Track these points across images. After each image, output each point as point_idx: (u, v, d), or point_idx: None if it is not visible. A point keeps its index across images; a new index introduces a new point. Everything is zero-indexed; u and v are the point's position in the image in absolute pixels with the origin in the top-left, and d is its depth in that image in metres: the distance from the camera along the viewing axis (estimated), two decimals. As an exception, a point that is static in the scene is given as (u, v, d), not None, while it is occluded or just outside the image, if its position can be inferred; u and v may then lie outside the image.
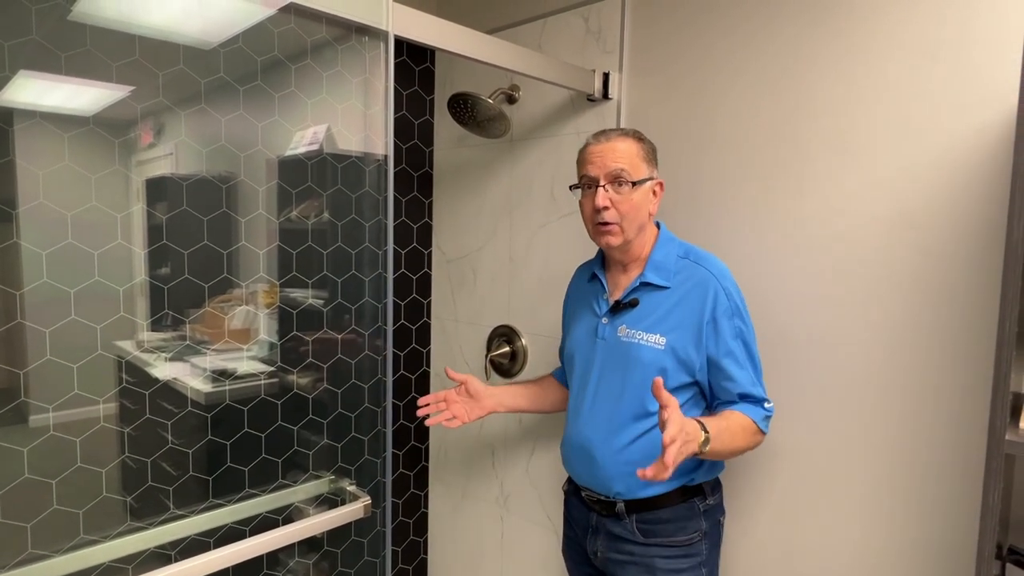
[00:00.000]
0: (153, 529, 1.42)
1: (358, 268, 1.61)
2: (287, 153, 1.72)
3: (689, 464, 1.29)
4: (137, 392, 1.53)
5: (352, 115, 1.57)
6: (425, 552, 2.41)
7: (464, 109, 1.79)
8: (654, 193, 1.31)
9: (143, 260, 1.50)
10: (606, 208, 1.25)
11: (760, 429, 1.24)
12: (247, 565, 1.34)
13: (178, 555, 1.40)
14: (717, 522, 1.34)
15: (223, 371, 1.71)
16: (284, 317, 1.79)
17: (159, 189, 1.56)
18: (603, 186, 1.25)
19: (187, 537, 1.45)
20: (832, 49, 1.35)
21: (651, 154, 1.31)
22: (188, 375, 1.68)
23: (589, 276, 1.42)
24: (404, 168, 2.19)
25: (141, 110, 1.42)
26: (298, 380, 1.75)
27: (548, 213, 1.89)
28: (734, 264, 1.32)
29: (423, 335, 2.30)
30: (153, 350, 1.63)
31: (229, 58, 1.44)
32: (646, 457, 1.26)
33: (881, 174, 1.30)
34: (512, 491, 2.07)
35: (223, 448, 1.55)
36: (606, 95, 1.70)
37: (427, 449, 2.36)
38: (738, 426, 1.21)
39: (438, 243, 2.27)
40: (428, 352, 2.32)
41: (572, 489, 1.45)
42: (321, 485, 1.67)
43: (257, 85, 1.49)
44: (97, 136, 1.37)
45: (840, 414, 1.37)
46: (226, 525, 1.51)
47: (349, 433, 1.64)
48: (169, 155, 1.54)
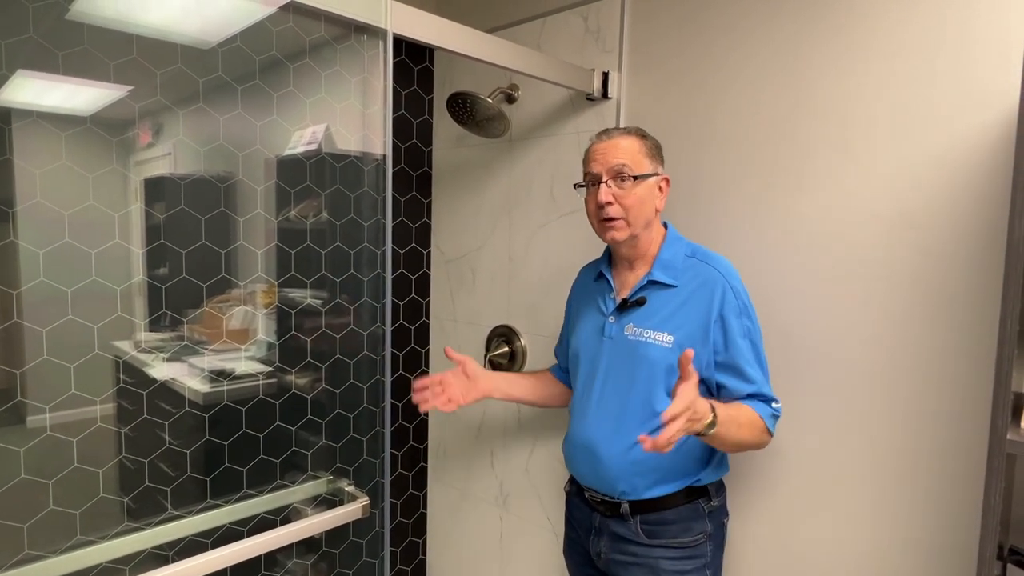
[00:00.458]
0: (150, 529, 1.42)
1: (357, 268, 1.60)
2: (286, 153, 1.72)
3: (694, 464, 1.29)
4: (135, 392, 1.53)
5: (351, 114, 1.56)
6: (424, 553, 2.41)
7: (463, 108, 1.79)
8: (660, 189, 1.31)
9: (141, 260, 1.50)
10: (609, 203, 1.25)
11: (767, 428, 1.23)
12: (245, 566, 1.34)
13: (176, 556, 1.39)
14: (721, 524, 1.33)
15: (221, 371, 1.70)
16: (282, 317, 1.79)
17: (157, 188, 1.55)
18: (606, 182, 1.26)
19: (185, 537, 1.45)
20: (832, 47, 1.35)
21: (655, 150, 1.31)
22: (186, 375, 1.68)
23: (596, 275, 1.41)
24: (403, 168, 2.19)
25: (139, 109, 1.42)
26: (296, 380, 1.74)
27: (547, 213, 1.88)
28: (734, 262, 1.31)
29: (422, 335, 2.30)
30: (151, 350, 1.63)
31: (227, 57, 1.44)
32: (651, 457, 1.25)
33: (881, 172, 1.29)
34: (511, 491, 2.06)
35: (221, 448, 1.55)
36: (605, 94, 1.69)
37: (426, 449, 2.36)
38: (746, 419, 1.21)
39: (437, 243, 2.27)
40: (427, 352, 2.32)
41: (575, 489, 1.44)
42: (319, 485, 1.67)
43: (256, 84, 1.49)
44: (95, 135, 1.37)
45: (840, 414, 1.37)
46: (224, 525, 1.50)
47: (348, 433, 1.63)
48: (167, 155, 1.54)
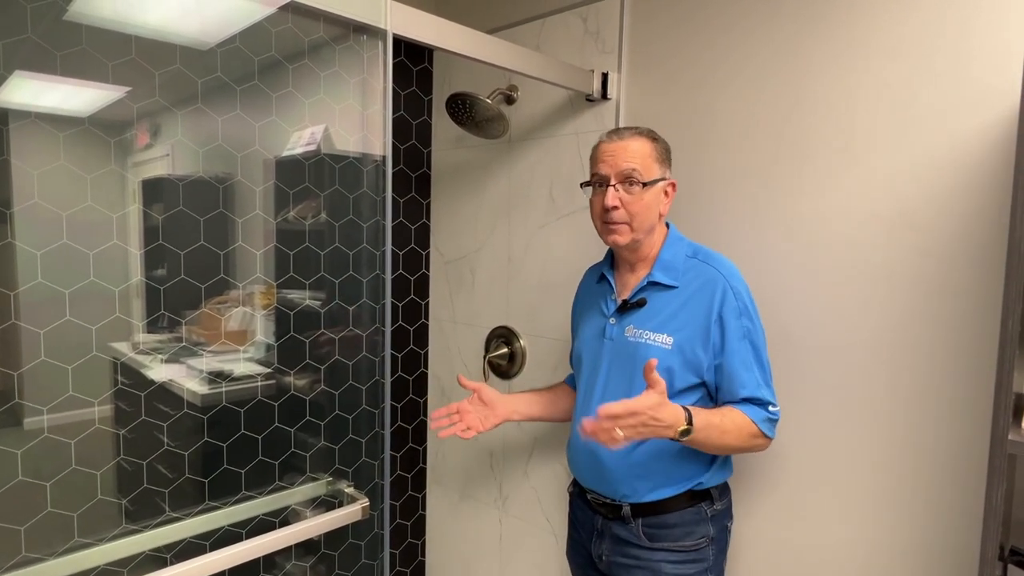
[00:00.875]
0: (148, 532, 1.41)
1: (356, 269, 1.60)
2: (284, 153, 1.72)
3: (696, 467, 1.28)
4: (133, 394, 1.52)
5: (350, 115, 1.56)
6: (423, 554, 2.40)
7: (462, 109, 1.79)
8: (666, 193, 1.29)
9: (139, 261, 1.49)
10: (615, 208, 1.24)
11: (761, 432, 1.22)
12: (244, 568, 1.33)
13: (174, 558, 1.38)
14: (724, 527, 1.32)
15: (219, 373, 1.70)
16: (281, 318, 1.78)
17: (155, 189, 1.55)
18: (614, 185, 1.25)
19: (183, 540, 1.44)
20: (832, 47, 1.35)
21: (664, 154, 1.30)
22: (184, 377, 1.67)
23: (598, 277, 1.41)
24: (402, 169, 2.19)
25: (137, 110, 1.41)
26: (295, 382, 1.74)
27: (547, 214, 1.88)
28: (734, 262, 1.31)
29: (421, 336, 2.29)
30: (149, 351, 1.62)
31: (226, 58, 1.43)
32: (653, 459, 1.25)
33: (882, 173, 1.29)
34: (511, 493, 2.06)
35: (219, 450, 1.54)
36: (605, 95, 1.69)
37: (425, 451, 2.35)
38: (732, 423, 1.19)
39: (436, 244, 2.26)
40: (426, 353, 2.31)
41: (578, 491, 1.43)
42: (318, 487, 1.66)
43: (254, 85, 1.49)
44: (93, 136, 1.36)
45: (841, 415, 1.37)
46: (222, 528, 1.49)
47: (347, 435, 1.63)
48: (166, 156, 1.53)
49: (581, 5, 1.76)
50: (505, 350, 2.00)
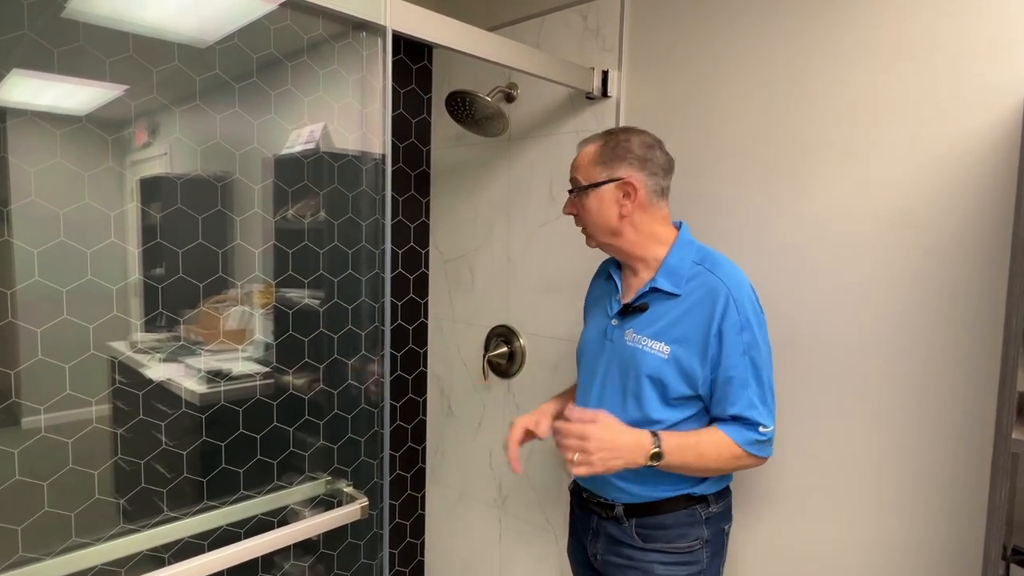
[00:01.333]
0: (146, 531, 1.41)
1: (355, 268, 1.60)
2: (283, 152, 1.71)
3: (691, 478, 1.26)
4: (131, 393, 1.52)
5: (349, 113, 1.56)
6: (422, 554, 2.40)
7: (462, 107, 1.78)
8: (626, 195, 1.23)
9: (137, 259, 1.49)
10: (573, 215, 1.31)
11: (746, 453, 1.18)
12: (242, 568, 1.33)
13: (172, 558, 1.38)
14: (720, 530, 1.30)
15: (218, 372, 1.69)
16: (280, 317, 1.78)
17: (153, 187, 1.54)
18: (569, 191, 1.31)
19: (181, 539, 1.44)
20: (833, 45, 1.34)
21: (611, 154, 1.24)
22: (182, 376, 1.67)
23: (606, 275, 1.40)
24: (401, 167, 2.18)
25: (135, 108, 1.41)
26: (294, 381, 1.73)
27: (547, 212, 1.87)
28: (736, 263, 1.30)
29: (420, 335, 2.29)
30: (147, 350, 1.62)
31: (225, 56, 1.43)
32: None
33: (883, 171, 1.29)
34: (510, 492, 2.05)
35: (218, 449, 1.54)
36: (605, 93, 1.69)
37: (424, 450, 2.35)
38: (711, 445, 1.17)
39: (435, 243, 2.26)
40: (425, 352, 2.31)
41: (576, 490, 1.43)
42: (317, 487, 1.66)
43: (253, 83, 1.48)
44: (90, 133, 1.36)
45: (843, 415, 1.36)
46: (221, 527, 1.49)
47: (345, 434, 1.63)
48: (164, 154, 1.53)
49: (581, 2, 1.75)
50: (505, 349, 2.00)
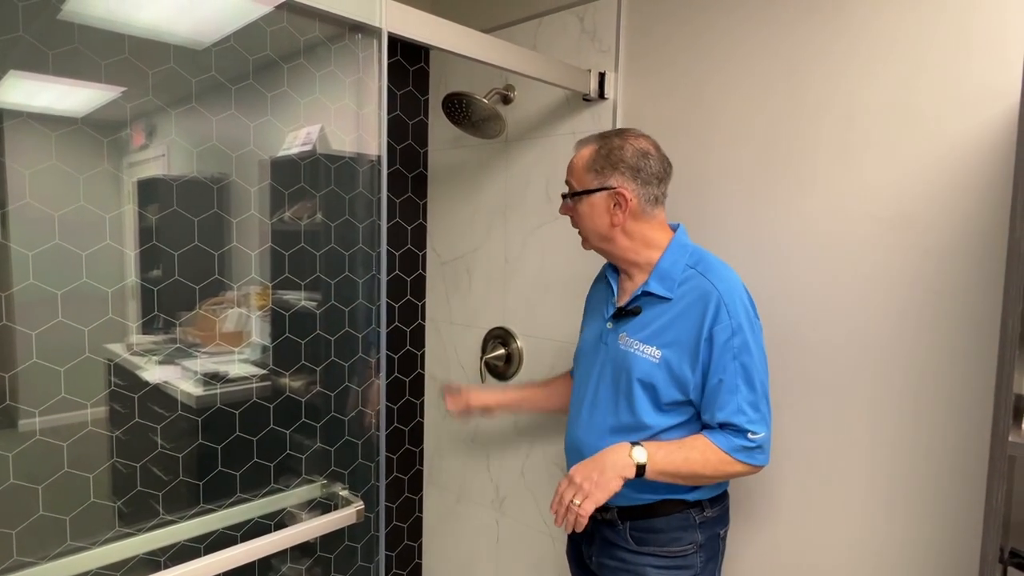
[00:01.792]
0: (142, 535, 1.40)
1: (351, 270, 1.59)
2: (280, 153, 1.71)
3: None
4: (126, 395, 1.51)
5: (345, 115, 1.55)
6: (420, 557, 2.39)
7: (459, 109, 1.78)
8: (617, 204, 1.22)
9: (133, 261, 1.48)
10: (569, 217, 1.31)
11: (736, 460, 1.17)
12: (239, 571, 1.32)
13: (168, 562, 1.38)
14: (716, 535, 1.30)
15: (215, 374, 1.69)
16: (276, 319, 1.77)
17: (149, 189, 1.54)
18: (563, 195, 1.31)
19: (177, 543, 1.43)
20: (831, 44, 1.34)
21: (603, 162, 1.23)
22: (179, 378, 1.66)
23: (605, 279, 1.39)
24: (398, 169, 2.18)
25: (131, 110, 1.40)
26: (291, 383, 1.73)
27: (544, 214, 1.87)
28: (732, 263, 1.29)
29: (418, 337, 2.28)
30: (143, 353, 1.61)
31: (221, 57, 1.42)
32: None
33: (880, 172, 1.28)
34: (508, 494, 2.05)
35: (214, 452, 1.54)
36: (602, 95, 1.68)
37: (421, 452, 2.34)
38: (696, 453, 1.16)
39: (433, 245, 2.25)
40: (422, 355, 2.30)
41: None
42: (314, 490, 1.65)
43: (249, 84, 1.48)
44: (86, 135, 1.35)
45: (838, 416, 1.36)
46: (217, 531, 1.49)
47: (342, 437, 1.62)
48: (161, 156, 1.52)
49: (578, 4, 1.75)
50: (502, 351, 1.99)
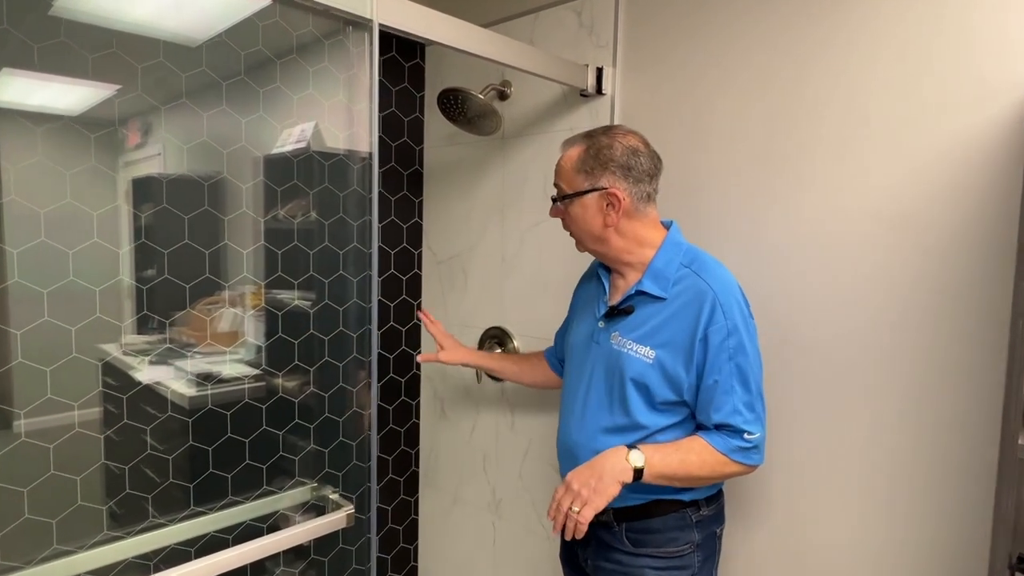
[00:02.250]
0: (132, 538, 1.39)
1: (345, 268, 1.57)
2: (273, 151, 1.69)
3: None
4: (117, 396, 1.49)
5: (339, 111, 1.53)
6: (415, 559, 2.37)
7: (454, 105, 1.75)
8: (610, 204, 1.20)
9: (121, 260, 1.46)
10: (560, 219, 1.29)
11: (732, 460, 1.16)
12: (231, 575, 1.30)
13: (158, 565, 1.37)
14: (712, 534, 1.28)
15: (207, 374, 1.67)
16: (269, 319, 1.75)
17: (138, 186, 1.52)
18: (552, 198, 1.29)
19: (167, 546, 1.42)
20: (832, 42, 1.32)
21: (592, 163, 1.20)
22: (170, 379, 1.65)
23: (595, 276, 1.37)
24: (393, 166, 2.15)
25: (120, 105, 1.38)
26: (284, 383, 1.71)
27: (541, 212, 1.85)
28: (730, 265, 1.27)
29: (413, 337, 2.26)
30: (134, 353, 1.59)
31: (213, 53, 1.41)
32: None
33: (882, 170, 1.27)
34: (504, 496, 2.03)
35: (206, 454, 1.52)
36: (600, 90, 1.66)
37: (417, 454, 2.32)
38: (693, 454, 1.15)
39: (428, 243, 2.23)
40: (418, 354, 2.28)
41: None
42: (306, 492, 1.64)
43: (241, 80, 1.46)
44: (73, 132, 1.33)
45: (843, 419, 1.34)
46: (208, 534, 1.47)
47: (336, 438, 1.60)
48: (158, 155, 1.51)
49: (575, -1, 1.73)
50: (499, 351, 1.97)
